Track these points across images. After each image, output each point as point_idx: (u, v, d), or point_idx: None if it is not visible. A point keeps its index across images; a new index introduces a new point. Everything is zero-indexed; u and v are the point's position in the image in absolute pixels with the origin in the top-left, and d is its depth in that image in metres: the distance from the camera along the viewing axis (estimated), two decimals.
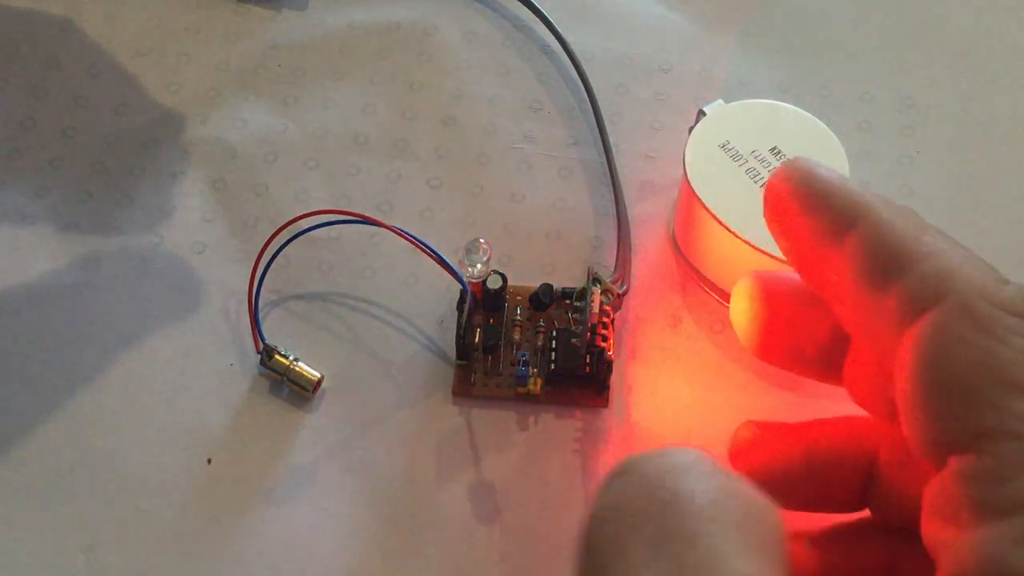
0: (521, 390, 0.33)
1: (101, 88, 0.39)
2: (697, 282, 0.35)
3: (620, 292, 0.33)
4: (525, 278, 0.35)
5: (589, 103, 0.39)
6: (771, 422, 0.28)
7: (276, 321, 0.35)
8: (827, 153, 0.33)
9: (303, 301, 0.35)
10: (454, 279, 0.33)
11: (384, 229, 0.33)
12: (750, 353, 0.28)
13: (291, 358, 0.33)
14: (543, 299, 0.34)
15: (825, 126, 0.34)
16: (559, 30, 0.40)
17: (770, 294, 0.26)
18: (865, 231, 0.21)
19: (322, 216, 0.33)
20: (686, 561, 0.18)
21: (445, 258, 0.32)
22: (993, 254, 0.37)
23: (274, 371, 0.33)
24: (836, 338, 0.25)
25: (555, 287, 0.34)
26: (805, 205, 0.22)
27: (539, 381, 0.33)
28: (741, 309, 0.27)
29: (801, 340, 0.26)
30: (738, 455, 0.28)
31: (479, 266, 0.33)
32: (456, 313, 0.33)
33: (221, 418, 0.33)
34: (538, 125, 0.39)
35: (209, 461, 0.32)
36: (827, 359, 0.26)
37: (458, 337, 0.33)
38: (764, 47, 0.41)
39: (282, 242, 0.34)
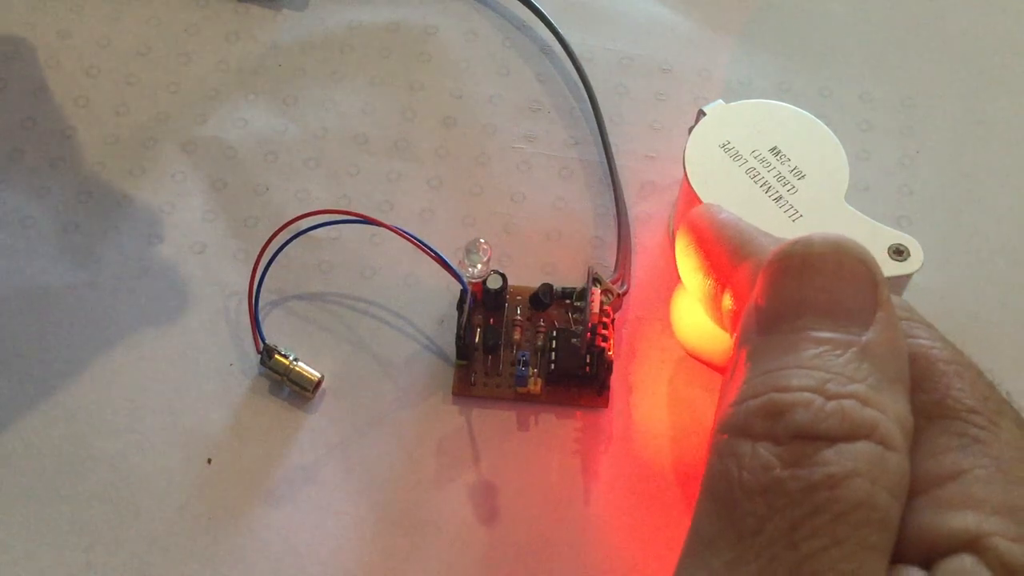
0: (521, 390, 0.33)
1: (101, 88, 0.39)
2: None
3: (620, 292, 0.33)
4: (525, 278, 0.35)
5: (589, 103, 0.39)
6: None
7: (276, 321, 0.35)
8: (827, 153, 0.33)
9: (303, 301, 0.35)
10: (454, 279, 0.33)
11: (384, 229, 0.33)
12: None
13: (291, 358, 0.33)
14: (543, 299, 0.34)
15: (825, 126, 0.33)
16: (559, 30, 0.40)
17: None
18: (757, 257, 0.24)
19: (322, 216, 0.33)
20: None
21: (445, 258, 0.32)
22: (993, 254, 0.37)
23: (274, 371, 0.33)
24: None
25: (555, 287, 0.34)
26: (715, 233, 0.26)
27: (539, 381, 0.33)
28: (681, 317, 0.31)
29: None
30: None
31: (479, 266, 0.33)
32: (456, 313, 0.33)
33: (221, 418, 0.33)
34: (538, 125, 0.39)
35: (209, 461, 0.32)
36: None
37: (458, 337, 0.33)
38: (764, 47, 0.41)
39: (282, 242, 0.34)
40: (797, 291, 0.21)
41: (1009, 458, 0.19)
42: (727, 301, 0.25)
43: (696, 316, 0.29)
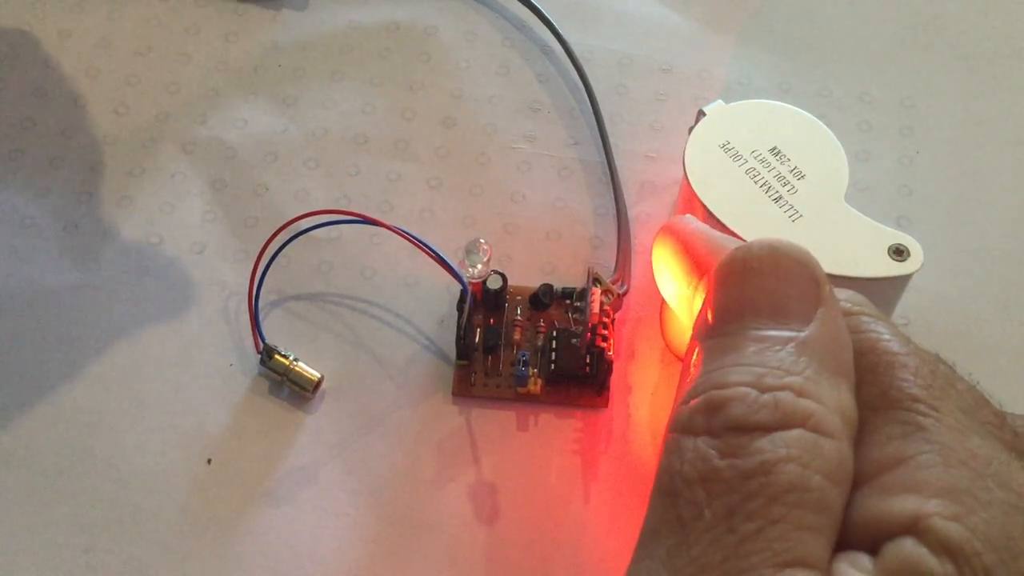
0: (521, 390, 0.33)
1: (101, 88, 0.39)
2: None
3: (620, 292, 0.33)
4: (525, 278, 0.35)
5: (589, 103, 0.39)
6: None
7: (276, 321, 0.35)
8: (827, 153, 0.33)
9: (303, 301, 0.35)
10: (454, 279, 0.33)
11: (384, 229, 0.33)
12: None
13: (291, 358, 0.33)
14: (543, 299, 0.34)
15: (825, 126, 0.33)
16: (559, 30, 0.40)
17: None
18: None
19: (322, 216, 0.33)
20: None
21: (445, 258, 0.32)
22: (993, 254, 0.37)
23: (274, 371, 0.33)
24: None
25: (555, 287, 0.34)
26: (693, 237, 0.27)
27: (539, 381, 0.33)
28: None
29: None
30: None
31: (479, 266, 0.33)
32: (456, 313, 0.33)
33: (221, 418, 0.33)
34: (538, 125, 0.39)
35: (209, 461, 0.32)
36: None
37: (458, 337, 0.33)
38: (764, 47, 0.41)
39: (282, 242, 0.34)
40: (739, 294, 0.22)
41: (950, 442, 0.20)
42: (697, 305, 0.25)
43: (679, 323, 0.29)
